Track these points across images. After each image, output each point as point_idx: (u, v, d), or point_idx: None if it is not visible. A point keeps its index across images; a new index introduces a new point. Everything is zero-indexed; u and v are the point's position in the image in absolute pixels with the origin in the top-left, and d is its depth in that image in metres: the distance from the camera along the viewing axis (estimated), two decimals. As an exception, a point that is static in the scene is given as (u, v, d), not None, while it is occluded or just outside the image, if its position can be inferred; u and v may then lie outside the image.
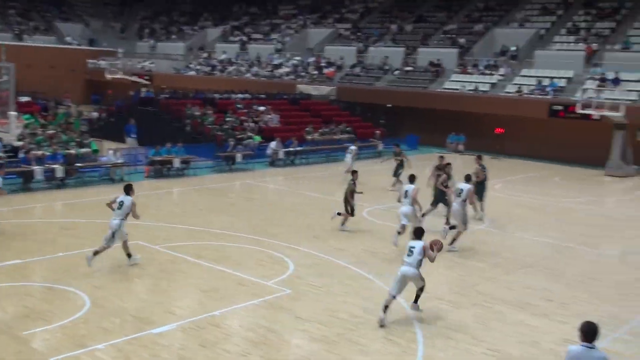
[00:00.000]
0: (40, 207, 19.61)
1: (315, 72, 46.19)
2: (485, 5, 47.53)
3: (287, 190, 23.98)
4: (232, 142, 28.34)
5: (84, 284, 12.49)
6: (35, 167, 21.43)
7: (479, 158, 20.83)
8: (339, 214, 17.73)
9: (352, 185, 17.63)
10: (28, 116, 27.20)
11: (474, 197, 17.29)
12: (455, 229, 16.26)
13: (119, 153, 24.46)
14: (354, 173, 18.20)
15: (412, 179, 16.81)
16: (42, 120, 27.66)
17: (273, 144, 29.34)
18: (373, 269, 14.25)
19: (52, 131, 25.47)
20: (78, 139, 25.49)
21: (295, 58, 49.34)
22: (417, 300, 11.61)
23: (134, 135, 30.71)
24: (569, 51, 38.49)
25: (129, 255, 13.82)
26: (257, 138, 31.19)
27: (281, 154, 29.39)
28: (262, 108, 35.06)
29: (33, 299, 11.67)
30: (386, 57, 44.50)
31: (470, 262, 15.33)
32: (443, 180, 18.43)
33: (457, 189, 16.57)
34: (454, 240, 16.07)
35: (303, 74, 46.72)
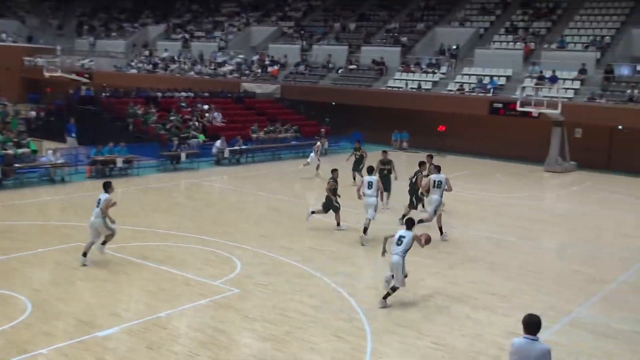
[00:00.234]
0: (-24, 209, 18.99)
1: (259, 71, 46.05)
2: (426, 4, 48.22)
3: (233, 189, 23.85)
4: (176, 141, 28.01)
5: (25, 287, 12.17)
6: (-29, 169, 20.78)
7: (431, 157, 20.70)
8: (314, 212, 17.75)
9: (332, 183, 17.65)
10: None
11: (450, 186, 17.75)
12: (423, 222, 16.91)
13: (58, 153, 23.89)
14: (334, 171, 18.12)
15: (371, 170, 17.64)
16: (-23, 120, 26.83)
17: (218, 143, 29.13)
18: (320, 267, 14.31)
19: (-12, 131, 24.73)
20: (16, 139, 24.80)
21: (239, 56, 49.09)
22: (387, 298, 12.06)
23: (74, 134, 30.03)
24: (507, 50, 39.42)
25: (84, 255, 13.82)
26: (202, 137, 30.93)
27: (226, 153, 29.20)
28: (206, 107, 34.75)
29: (-29, 304, 11.32)
30: (330, 56, 44.70)
31: (415, 257, 15.48)
32: (419, 179, 18.67)
33: (436, 181, 17.22)
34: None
35: (247, 72, 46.52)
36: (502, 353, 10.07)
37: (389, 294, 12.08)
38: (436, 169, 17.85)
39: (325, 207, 17.71)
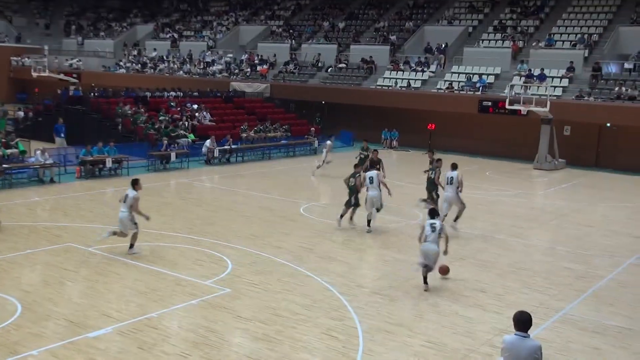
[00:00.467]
0: (-36, 210, 18.86)
1: (249, 70, 45.99)
2: (414, 3, 48.31)
3: (224, 188, 23.80)
4: (166, 141, 27.93)
5: (14, 288, 12.11)
6: (-41, 169, 20.64)
7: (432, 152, 21.12)
8: (342, 216, 17.87)
9: (358, 178, 17.77)
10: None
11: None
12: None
13: (47, 153, 23.75)
14: (357, 166, 18.45)
15: (374, 166, 19.07)
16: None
17: (208, 142, 29.05)
18: (312, 266, 14.31)
19: (-24, 132, 24.58)
20: (4, 140, 24.70)
21: (228, 55, 49.00)
22: (426, 281, 13.12)
23: (63, 135, 29.88)
24: (496, 48, 39.55)
25: (131, 246, 14.56)
26: (191, 136, 30.87)
27: (216, 152, 29.13)
28: (195, 106, 34.67)
29: (-40, 306, 11.25)
30: (319, 54, 44.71)
31: (406, 256, 15.57)
32: (439, 176, 19.30)
33: (448, 177, 17.93)
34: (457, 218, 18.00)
35: (236, 71, 46.45)
36: (493, 350, 10.12)
37: (425, 277, 13.14)
38: (452, 166, 18.33)
39: (348, 203, 17.87)
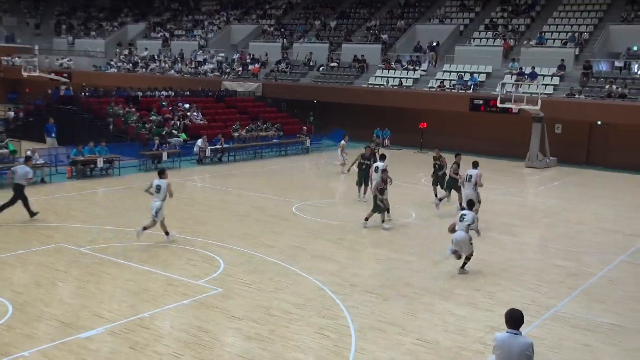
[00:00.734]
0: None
1: (240, 69, 45.93)
2: (406, 1, 48.35)
3: (216, 188, 23.75)
4: (157, 141, 27.86)
5: (5, 289, 12.05)
6: (-51, 170, 20.51)
7: (458, 156, 21.21)
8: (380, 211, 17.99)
9: (380, 182, 17.88)
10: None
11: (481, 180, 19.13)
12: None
13: (37, 154, 23.63)
14: (384, 172, 18.41)
15: (382, 157, 20.22)
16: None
17: (200, 142, 29.00)
18: (304, 265, 14.31)
19: (-34, 132, 24.43)
20: (-6, 140, 24.54)
21: (220, 55, 48.92)
22: (464, 266, 14.07)
23: (54, 135, 29.76)
24: (487, 47, 39.63)
25: (167, 233, 15.60)
26: (183, 136, 30.80)
27: (208, 152, 29.08)
28: (187, 105, 34.60)
29: (-49, 307, 11.19)
30: (310, 53, 44.69)
31: (398, 254, 15.61)
32: (454, 170, 20.37)
33: (467, 175, 18.80)
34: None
35: (228, 70, 46.38)
36: (485, 348, 10.15)
37: (465, 263, 14.10)
38: (473, 164, 19.16)
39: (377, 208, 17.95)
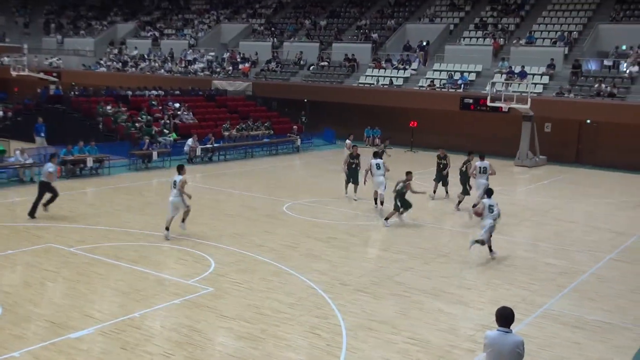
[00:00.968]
0: (-57, 211, 18.64)
1: (230, 68, 45.85)
2: (396, 1, 48.40)
3: (206, 187, 23.69)
4: (147, 140, 27.77)
5: (-5, 290, 11.99)
6: (-63, 170, 20.37)
7: (471, 154, 21.67)
8: (401, 212, 18.37)
9: (405, 186, 18.13)
10: None
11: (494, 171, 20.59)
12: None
13: (27, 153, 23.52)
14: (408, 174, 18.55)
15: (378, 155, 20.88)
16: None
17: (190, 141, 28.94)
18: (295, 264, 14.31)
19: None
20: (-17, 140, 24.38)
21: (210, 54, 48.82)
22: (492, 248, 15.52)
23: (43, 134, 29.61)
24: (477, 46, 39.74)
25: (167, 228, 16.03)
26: (174, 135, 30.72)
27: (198, 151, 29.02)
28: (177, 105, 34.50)
29: (-60, 308, 11.11)
30: (301, 53, 44.67)
31: (389, 253, 15.63)
32: (469, 167, 21.09)
33: (481, 167, 20.00)
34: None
35: (218, 69, 46.29)
36: (475, 346, 10.18)
37: (490, 247, 15.50)
38: (480, 157, 20.28)
39: (403, 204, 18.29)
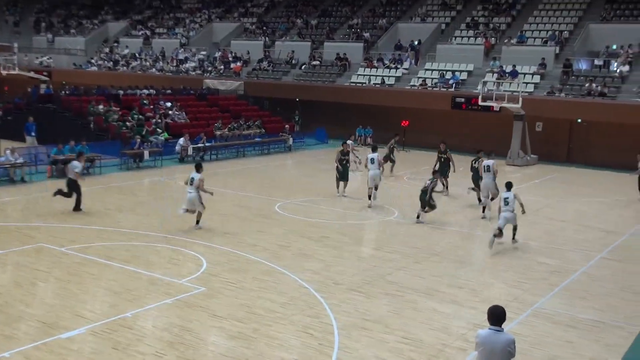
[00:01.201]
0: None
1: (222, 67, 45.77)
2: (387, 0, 48.44)
3: (197, 186, 23.64)
4: (139, 139, 27.69)
5: (-15, 290, 11.92)
6: None
7: (480, 152, 21.90)
8: (426, 210, 18.85)
9: (434, 184, 18.70)
10: None
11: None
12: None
13: (17, 153, 23.40)
14: (435, 173, 19.06)
15: (374, 149, 21.31)
16: None
17: (181, 141, 28.88)
18: (287, 264, 14.29)
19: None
20: (-27, 139, 24.24)
21: (201, 53, 48.72)
22: (515, 237, 16.49)
23: (33, 133, 29.47)
24: (469, 45, 39.82)
25: (197, 222, 16.95)
26: (165, 134, 30.64)
27: (190, 150, 28.96)
28: (168, 104, 34.41)
29: None
30: (292, 52, 44.64)
31: (382, 252, 15.64)
32: (480, 163, 21.10)
33: (485, 166, 20.06)
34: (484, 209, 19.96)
35: (210, 68, 46.20)
36: (467, 345, 10.20)
37: (514, 234, 16.57)
38: (486, 155, 20.56)
39: (430, 206, 18.77)
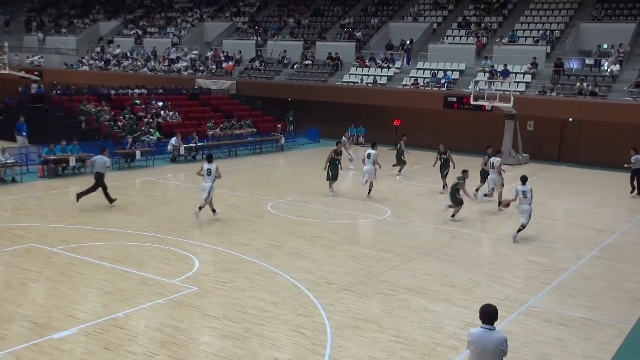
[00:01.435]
0: None
1: (214, 67, 45.70)
2: (380, -1, 48.54)
3: (190, 186, 23.57)
4: (130, 139, 27.61)
5: (-24, 291, 11.87)
6: None
7: (489, 148, 22.84)
8: (450, 206, 19.29)
9: (461, 183, 18.97)
10: None
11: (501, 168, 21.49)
12: (489, 196, 21.75)
13: (8, 153, 23.29)
14: (464, 172, 19.38)
15: (374, 145, 22.56)
16: None
17: (173, 140, 28.82)
18: (279, 263, 14.29)
19: None
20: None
21: (193, 52, 48.62)
22: (519, 232, 16.96)
23: (24, 133, 29.34)
24: (460, 45, 39.90)
25: (213, 211, 18.00)
26: (157, 134, 30.57)
27: (182, 150, 28.90)
28: (160, 103, 34.33)
29: None
30: (284, 51, 44.61)
31: (374, 251, 15.66)
32: (485, 161, 22.31)
33: (491, 162, 21.13)
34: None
35: (201, 68, 46.11)
36: (459, 343, 10.22)
37: (520, 230, 16.99)
38: (495, 152, 21.62)
39: (455, 202, 19.15)
